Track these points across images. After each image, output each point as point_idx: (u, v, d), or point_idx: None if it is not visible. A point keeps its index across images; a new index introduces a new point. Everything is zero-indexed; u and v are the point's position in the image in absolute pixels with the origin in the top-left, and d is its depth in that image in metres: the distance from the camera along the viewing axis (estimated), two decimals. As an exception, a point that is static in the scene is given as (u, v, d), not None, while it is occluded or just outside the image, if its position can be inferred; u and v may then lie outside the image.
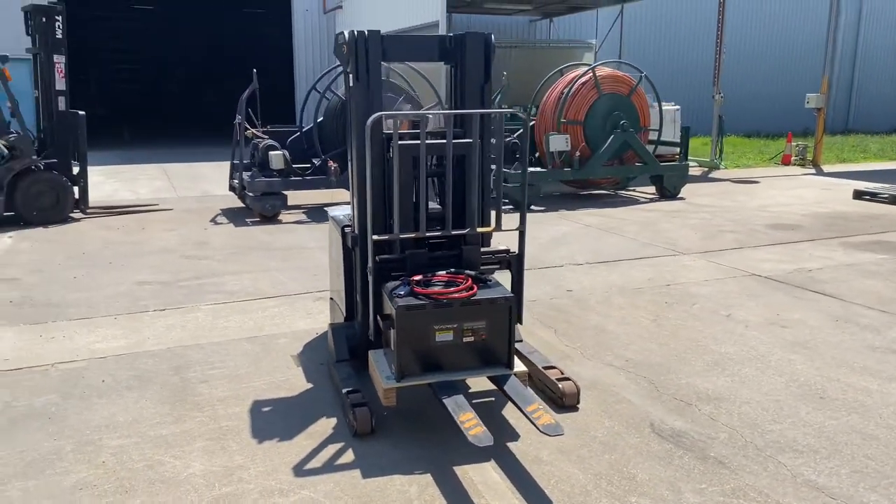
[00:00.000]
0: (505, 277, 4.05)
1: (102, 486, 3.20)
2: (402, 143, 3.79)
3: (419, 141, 3.76)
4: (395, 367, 3.59)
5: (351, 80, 4.00)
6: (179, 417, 3.85)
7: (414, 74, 10.98)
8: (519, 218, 4.00)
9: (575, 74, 11.19)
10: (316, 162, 9.96)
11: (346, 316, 4.49)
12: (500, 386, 3.69)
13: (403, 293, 3.61)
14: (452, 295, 3.59)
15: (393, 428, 3.72)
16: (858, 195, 11.10)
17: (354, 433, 3.62)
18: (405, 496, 3.13)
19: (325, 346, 4.75)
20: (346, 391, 3.82)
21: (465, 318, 3.58)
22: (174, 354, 4.73)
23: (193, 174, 13.80)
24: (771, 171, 14.94)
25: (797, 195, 11.62)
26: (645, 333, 5.12)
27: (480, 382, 4.05)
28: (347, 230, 4.25)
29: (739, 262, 7.17)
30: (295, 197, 10.11)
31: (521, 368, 3.82)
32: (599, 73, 10.98)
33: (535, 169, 10.73)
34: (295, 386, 4.26)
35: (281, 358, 4.68)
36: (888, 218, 9.57)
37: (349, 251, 4.24)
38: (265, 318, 5.48)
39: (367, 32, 3.93)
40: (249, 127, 10.02)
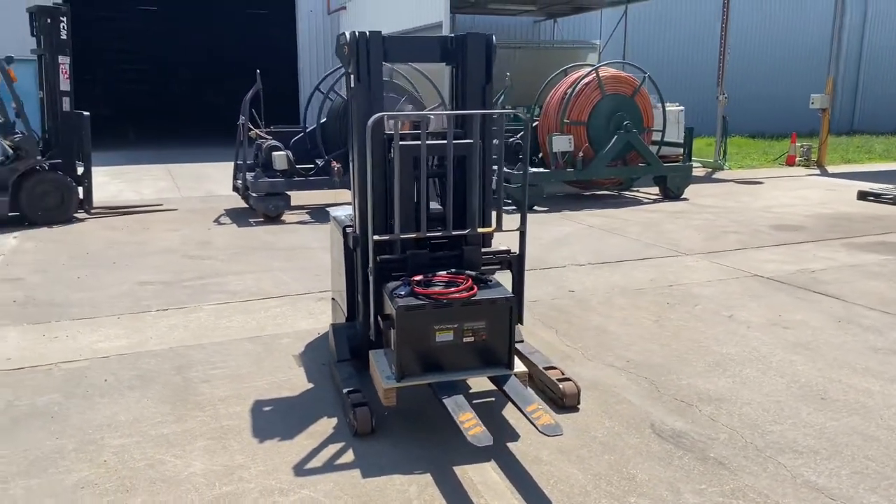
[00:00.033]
0: (506, 278, 4.06)
1: (104, 484, 3.22)
2: (402, 143, 3.79)
3: (420, 141, 3.77)
4: (395, 367, 3.60)
5: (352, 80, 4.01)
6: (181, 417, 3.87)
7: (418, 75, 11.00)
8: (520, 218, 4.02)
9: (578, 75, 11.18)
10: (319, 162, 9.99)
11: (347, 316, 4.50)
12: (500, 386, 3.70)
13: (404, 293, 3.62)
14: (452, 295, 3.59)
15: (393, 428, 3.73)
16: (863, 196, 11.06)
17: (355, 433, 3.63)
18: (404, 496, 3.14)
19: (326, 346, 4.77)
20: (346, 391, 3.83)
21: (465, 318, 3.59)
22: (176, 354, 4.75)
23: (198, 174, 13.83)
24: (775, 171, 14.90)
25: (801, 196, 11.60)
26: (646, 334, 5.12)
27: (481, 383, 4.05)
28: (349, 230, 4.26)
29: (742, 262, 7.16)
30: (298, 197, 10.13)
31: (521, 369, 3.83)
32: (603, 73, 10.98)
33: (538, 169, 10.73)
34: (296, 386, 4.28)
35: (283, 358, 4.70)
36: (892, 219, 9.54)
37: (350, 251, 4.24)
38: (267, 318, 5.49)
39: (368, 33, 3.93)
40: (253, 127, 10.05)
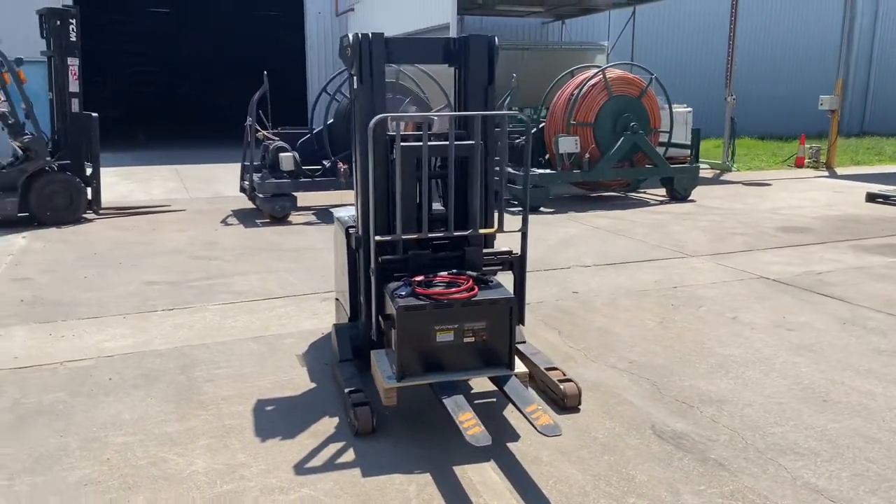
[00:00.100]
0: (508, 279, 4.07)
1: (107, 482, 3.25)
2: (404, 144, 3.81)
3: (422, 142, 3.79)
4: (395, 367, 3.62)
5: (355, 82, 4.03)
6: (184, 416, 3.90)
7: (424, 77, 11.02)
8: (521, 220, 4.03)
9: (585, 76, 11.17)
10: (326, 164, 10.04)
11: (350, 316, 4.52)
12: (500, 386, 3.71)
13: (404, 293, 3.63)
14: (453, 295, 3.61)
15: (394, 427, 3.74)
16: (871, 198, 11.00)
17: (356, 432, 3.65)
18: (404, 495, 3.15)
19: (329, 346, 4.79)
20: (348, 391, 3.85)
21: (465, 318, 3.60)
22: (181, 354, 4.79)
23: (206, 176, 13.91)
24: (783, 173, 14.84)
25: (809, 198, 11.54)
26: (650, 335, 5.12)
27: (483, 383, 4.06)
28: (352, 231, 4.29)
29: (748, 264, 7.14)
30: (305, 198, 10.17)
31: (521, 369, 3.83)
32: (610, 74, 10.97)
33: (544, 171, 10.73)
34: (299, 385, 4.30)
35: (286, 358, 4.72)
36: (901, 221, 9.48)
37: (353, 252, 4.26)
38: (272, 318, 5.52)
39: (370, 35, 3.96)
40: (260, 129, 10.10)
